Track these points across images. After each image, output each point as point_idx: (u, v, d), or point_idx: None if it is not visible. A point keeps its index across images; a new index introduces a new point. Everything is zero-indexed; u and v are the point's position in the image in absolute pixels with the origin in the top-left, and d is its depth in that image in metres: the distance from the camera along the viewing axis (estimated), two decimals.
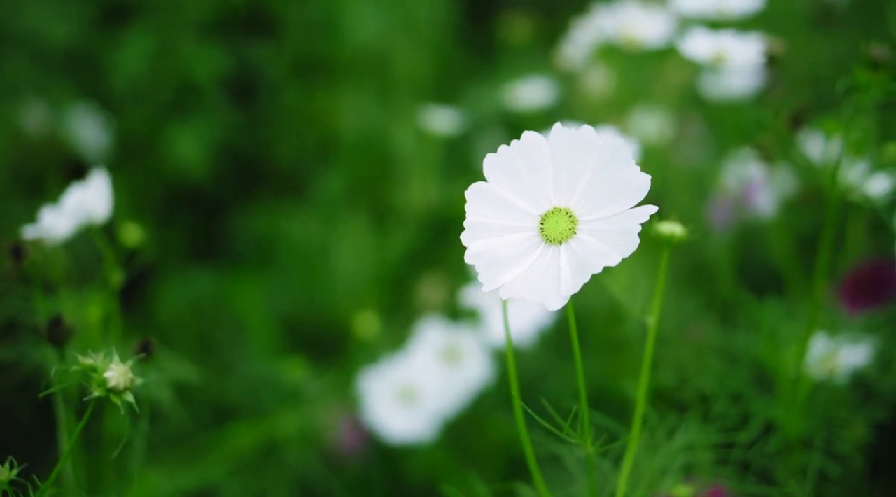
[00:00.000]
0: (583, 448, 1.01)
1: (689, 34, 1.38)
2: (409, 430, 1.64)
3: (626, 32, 1.62)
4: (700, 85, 1.83)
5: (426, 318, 1.70)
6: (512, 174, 0.91)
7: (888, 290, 1.68)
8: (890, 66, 1.16)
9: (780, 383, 1.31)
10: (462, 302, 1.51)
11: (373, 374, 1.66)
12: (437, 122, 1.98)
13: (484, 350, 1.65)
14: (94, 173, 1.24)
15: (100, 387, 0.96)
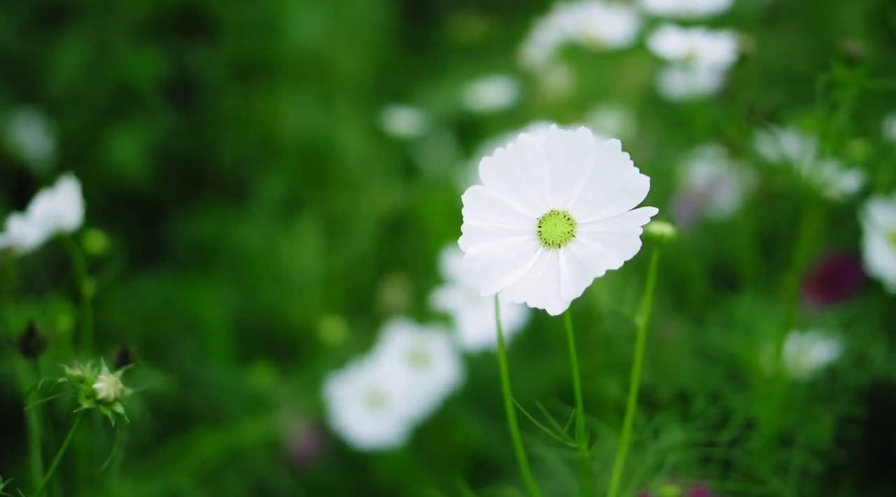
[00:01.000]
0: (578, 451, 1.00)
1: (660, 32, 1.38)
2: (377, 435, 1.63)
3: (589, 31, 1.61)
4: (659, 84, 1.84)
5: (392, 322, 1.68)
6: (507, 177, 0.90)
7: (850, 284, 1.69)
8: (866, 63, 1.17)
9: (758, 380, 1.32)
10: (432, 305, 1.50)
11: (340, 378, 1.65)
12: (396, 124, 1.96)
13: (451, 352, 1.64)
14: (63, 181, 1.22)
15: (89, 398, 0.94)
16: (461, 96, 2.05)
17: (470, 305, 1.49)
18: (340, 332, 1.72)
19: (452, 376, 1.64)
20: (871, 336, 1.41)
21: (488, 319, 1.49)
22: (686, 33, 1.38)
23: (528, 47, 1.81)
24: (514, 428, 1.02)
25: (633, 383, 1.05)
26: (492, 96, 1.88)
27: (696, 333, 1.44)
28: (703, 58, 1.35)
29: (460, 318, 1.49)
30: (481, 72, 2.14)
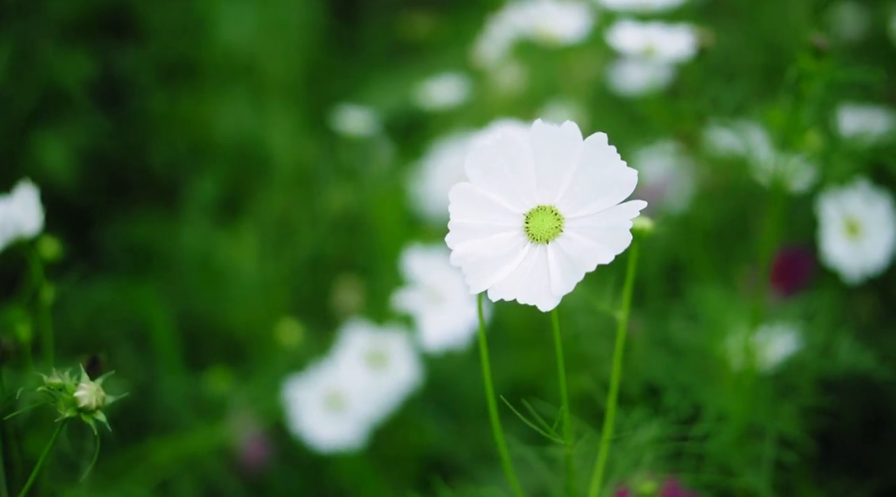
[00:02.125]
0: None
1: (618, 27, 1.38)
2: (337, 438, 1.61)
3: (542, 28, 1.61)
4: (608, 79, 1.84)
5: (349, 323, 1.67)
6: (493, 173, 0.89)
7: (803, 275, 1.70)
8: (833, 55, 1.17)
9: (727, 373, 1.32)
10: (392, 305, 1.49)
11: (298, 381, 1.63)
12: (345, 124, 1.95)
13: (410, 353, 1.63)
14: (20, 187, 1.19)
15: (70, 407, 0.92)
16: (411, 95, 2.04)
17: (431, 306, 1.48)
18: (297, 335, 1.70)
19: (411, 377, 1.63)
20: (833, 327, 1.42)
21: (449, 320, 1.48)
22: (644, 28, 1.38)
23: (482, 44, 1.81)
24: (497, 426, 1.01)
25: (614, 379, 1.05)
26: (443, 94, 1.87)
27: (659, 328, 1.44)
28: (661, 52, 1.35)
29: (421, 318, 1.47)
30: (430, 70, 2.13)
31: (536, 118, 0.89)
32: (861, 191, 1.53)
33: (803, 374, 1.32)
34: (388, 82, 2.40)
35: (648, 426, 1.15)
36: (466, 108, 1.91)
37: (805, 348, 1.35)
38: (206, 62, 2.50)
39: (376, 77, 2.53)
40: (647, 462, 1.12)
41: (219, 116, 2.42)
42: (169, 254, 2.28)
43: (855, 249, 1.50)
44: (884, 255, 1.51)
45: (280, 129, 2.33)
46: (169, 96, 2.45)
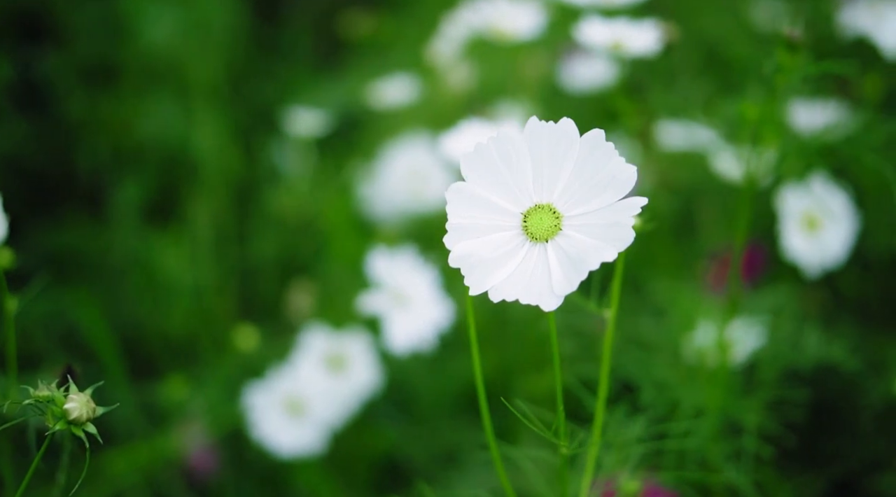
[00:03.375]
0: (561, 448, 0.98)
1: (585, 22, 1.37)
2: (298, 443, 1.59)
3: (497, 26, 1.60)
4: (558, 76, 1.84)
5: (308, 326, 1.64)
6: (489, 172, 0.88)
7: (758, 269, 1.71)
8: (807, 48, 1.17)
9: (700, 368, 1.32)
10: (356, 308, 1.47)
11: (257, 387, 1.60)
12: (296, 125, 1.92)
13: (371, 355, 1.61)
14: None
15: (60, 419, 0.89)
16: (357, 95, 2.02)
17: (396, 308, 1.46)
18: (253, 340, 1.67)
19: (372, 379, 1.61)
20: (800, 320, 1.43)
21: (415, 321, 1.46)
22: (610, 23, 1.38)
23: (437, 42, 1.79)
24: (489, 427, 1.00)
25: (602, 378, 1.04)
26: (393, 94, 1.85)
27: (626, 324, 1.43)
28: (628, 47, 1.35)
29: (387, 321, 1.46)
30: (377, 70, 2.11)
31: (489, 116, 0.88)
32: (819, 185, 1.54)
33: (773, 368, 1.33)
34: (329, 83, 2.38)
35: (632, 424, 1.14)
36: (416, 108, 1.89)
37: (774, 342, 1.35)
38: (129, 64, 2.46)
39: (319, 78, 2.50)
40: (634, 460, 1.11)
41: (143, 119, 2.38)
42: (98, 261, 2.24)
43: (814, 243, 1.51)
44: (842, 248, 1.52)
45: (206, 133, 2.29)
46: (91, 99, 2.40)
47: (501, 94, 1.88)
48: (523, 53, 1.78)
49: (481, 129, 1.33)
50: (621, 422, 1.15)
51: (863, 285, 1.82)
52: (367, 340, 1.62)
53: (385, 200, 1.88)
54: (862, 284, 1.81)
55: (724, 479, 1.22)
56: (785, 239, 1.50)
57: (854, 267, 1.68)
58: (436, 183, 1.80)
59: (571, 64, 1.83)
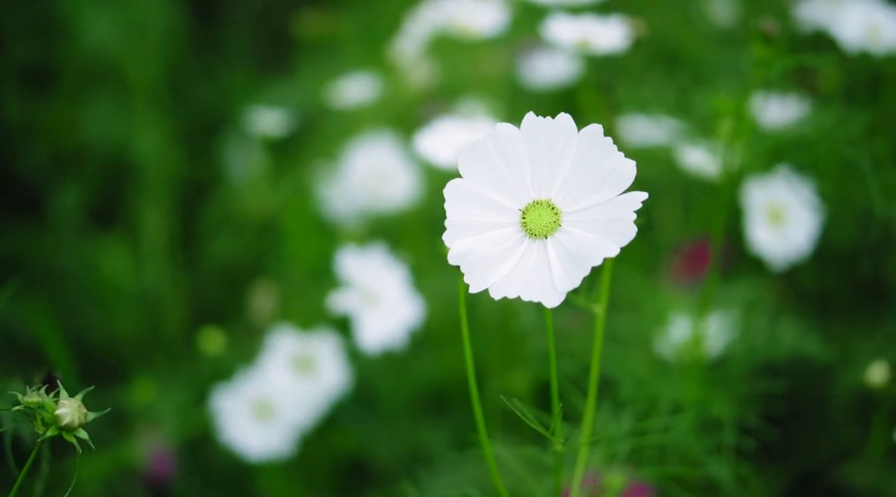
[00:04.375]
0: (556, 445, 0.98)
1: (552, 20, 1.37)
2: (267, 447, 1.57)
3: (459, 23, 1.59)
4: (518, 73, 1.84)
5: (275, 328, 1.63)
6: (487, 168, 0.87)
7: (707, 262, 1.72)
8: (783, 41, 1.18)
9: (677, 362, 1.32)
10: (329, 308, 1.45)
11: (225, 391, 1.58)
12: (258, 125, 1.90)
13: (339, 356, 1.60)
14: None
15: (51, 426, 0.87)
16: (314, 95, 2.01)
17: (367, 307, 1.45)
18: (219, 343, 1.65)
19: (341, 380, 1.60)
20: (773, 313, 1.43)
21: (386, 320, 1.45)
22: (578, 20, 1.37)
23: (398, 40, 1.78)
24: (482, 424, 0.99)
25: (593, 377, 1.04)
26: (353, 93, 1.84)
27: None
28: (596, 44, 1.34)
29: (358, 320, 1.44)
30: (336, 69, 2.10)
31: (452, 112, 0.88)
32: (783, 178, 1.54)
33: (749, 361, 1.33)
34: (281, 84, 2.36)
35: (617, 420, 1.14)
36: (376, 107, 1.88)
37: (748, 335, 1.36)
38: (67, 66, 2.43)
39: (267, 79, 2.48)
40: (621, 456, 1.11)
41: (83, 122, 2.35)
42: (40, 266, 2.20)
43: (779, 236, 1.52)
44: (807, 241, 1.54)
45: (148, 135, 2.27)
46: (29, 102, 2.37)
47: (462, 91, 1.87)
48: (484, 50, 1.78)
49: (456, 128, 1.32)
50: (608, 418, 1.15)
51: (820, 277, 1.83)
52: (334, 341, 1.60)
53: (346, 200, 1.86)
54: (819, 276, 1.83)
55: (705, 474, 1.22)
56: (751, 232, 1.51)
57: (812, 259, 1.69)
58: (397, 182, 1.79)
59: (532, 60, 1.83)
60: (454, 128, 1.32)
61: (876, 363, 1.33)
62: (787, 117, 1.57)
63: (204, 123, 2.63)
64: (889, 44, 1.52)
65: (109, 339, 2.07)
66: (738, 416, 1.27)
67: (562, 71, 1.80)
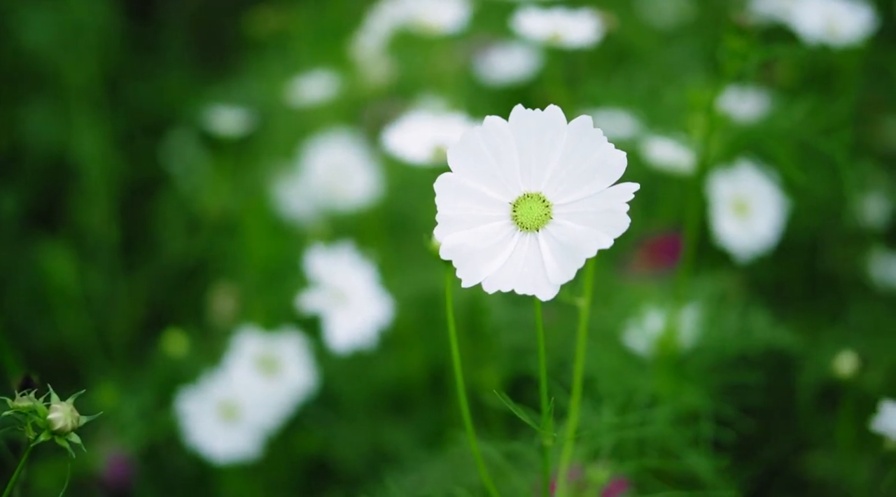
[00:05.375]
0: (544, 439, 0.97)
1: (523, 14, 1.36)
2: (233, 449, 1.55)
3: (421, 19, 1.58)
4: (476, 68, 1.83)
5: (240, 330, 1.61)
6: (477, 162, 0.87)
7: (676, 254, 1.73)
8: (756, 33, 1.18)
9: (653, 356, 1.32)
10: (299, 308, 1.44)
11: (189, 393, 1.56)
12: (219, 124, 1.87)
13: (304, 357, 1.59)
14: None
15: (43, 430, 0.86)
16: (267, 93, 1.99)
17: (337, 306, 1.43)
18: (182, 345, 1.62)
19: (306, 381, 1.58)
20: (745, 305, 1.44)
21: (356, 319, 1.44)
22: (549, 14, 1.37)
23: (362, 36, 1.77)
24: (468, 420, 0.98)
25: (577, 372, 1.03)
26: (310, 90, 1.82)
27: (570, 314, 1.43)
28: (567, 37, 1.34)
29: (327, 319, 1.43)
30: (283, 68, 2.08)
31: (411, 108, 0.87)
32: (747, 170, 1.55)
33: (722, 353, 1.33)
34: (230, 83, 2.34)
35: (599, 415, 1.14)
36: (334, 104, 1.87)
37: (720, 327, 1.36)
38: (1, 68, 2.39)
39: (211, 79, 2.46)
40: (606, 451, 1.10)
41: (21, 124, 2.32)
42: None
43: (744, 228, 1.53)
44: (771, 232, 1.54)
45: (87, 137, 2.24)
46: None
47: (420, 88, 1.86)
48: (441, 47, 1.77)
49: (425, 124, 1.31)
50: (589, 412, 1.14)
51: (778, 269, 1.84)
52: (299, 341, 1.59)
53: (304, 199, 1.85)
54: (777, 268, 1.84)
55: (684, 466, 1.22)
56: (716, 224, 1.51)
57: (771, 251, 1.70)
58: (357, 179, 1.77)
59: (489, 56, 1.82)
60: (423, 124, 1.31)
61: (843, 354, 1.33)
62: (747, 110, 1.58)
63: (144, 124, 2.60)
64: (848, 36, 1.53)
65: (56, 345, 2.04)
66: (715, 408, 1.27)
67: (518, 66, 1.79)
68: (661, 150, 1.50)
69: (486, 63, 1.82)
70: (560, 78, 1.41)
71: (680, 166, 1.53)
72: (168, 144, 2.34)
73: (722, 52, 1.16)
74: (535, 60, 1.79)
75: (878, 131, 1.91)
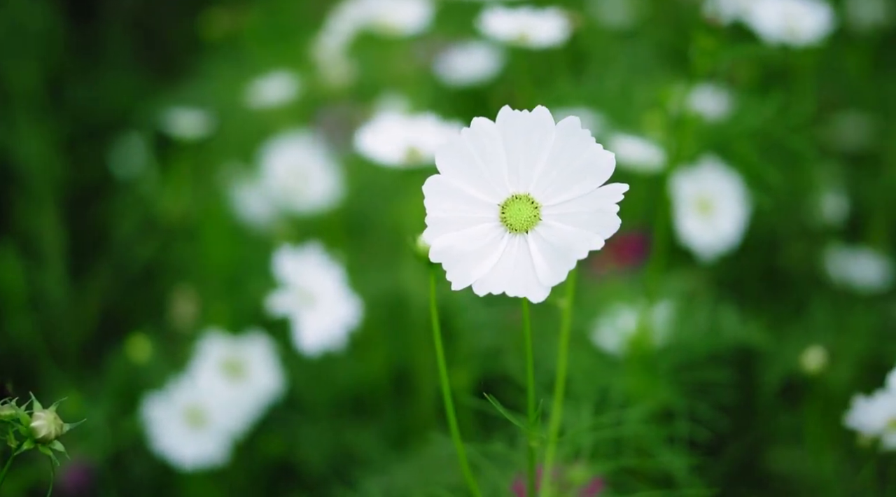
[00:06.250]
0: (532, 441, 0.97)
1: (490, 14, 1.36)
2: (200, 454, 1.53)
3: (382, 19, 1.58)
4: (435, 70, 1.83)
5: (204, 334, 1.59)
6: (465, 164, 0.86)
7: (642, 253, 1.74)
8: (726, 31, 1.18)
9: (627, 355, 1.32)
10: (267, 309, 1.43)
11: (155, 399, 1.54)
12: (178, 127, 1.85)
13: (271, 360, 1.57)
14: None
15: (26, 439, 0.84)
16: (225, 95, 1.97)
17: (305, 307, 1.42)
18: (145, 350, 1.60)
19: (273, 384, 1.57)
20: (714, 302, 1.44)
21: (325, 320, 1.43)
22: (515, 13, 1.37)
23: (322, 37, 1.76)
24: (454, 423, 0.98)
25: (560, 371, 1.03)
26: (272, 92, 1.81)
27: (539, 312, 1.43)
28: (534, 37, 1.34)
29: (297, 321, 1.42)
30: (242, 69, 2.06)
31: (372, 109, 0.87)
32: (710, 169, 1.56)
33: (694, 351, 1.34)
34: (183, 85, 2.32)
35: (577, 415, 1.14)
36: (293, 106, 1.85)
37: (691, 325, 1.37)
38: None
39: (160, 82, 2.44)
40: (586, 451, 1.10)
41: None
42: None
43: (707, 226, 1.54)
44: (734, 230, 1.55)
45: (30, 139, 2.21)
46: None
47: (381, 89, 1.86)
48: (400, 47, 1.76)
49: (396, 124, 1.31)
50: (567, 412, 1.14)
51: (738, 266, 1.86)
52: (265, 345, 1.58)
53: (263, 201, 1.84)
54: (737, 266, 1.85)
55: (659, 465, 1.22)
56: (680, 223, 1.52)
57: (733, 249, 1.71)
58: (317, 181, 1.77)
59: (449, 57, 1.82)
60: (395, 125, 1.30)
61: (811, 349, 1.34)
62: (711, 108, 1.58)
63: (89, 127, 2.57)
64: (807, 35, 1.54)
65: (5, 351, 2.01)
66: (689, 406, 1.28)
67: (479, 67, 1.79)
68: (627, 148, 1.51)
69: (446, 64, 1.81)
70: (527, 77, 1.41)
71: (647, 165, 1.53)
72: (116, 148, 2.31)
73: (693, 51, 1.16)
74: (496, 61, 1.79)
75: (831, 129, 1.93)
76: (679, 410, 1.26)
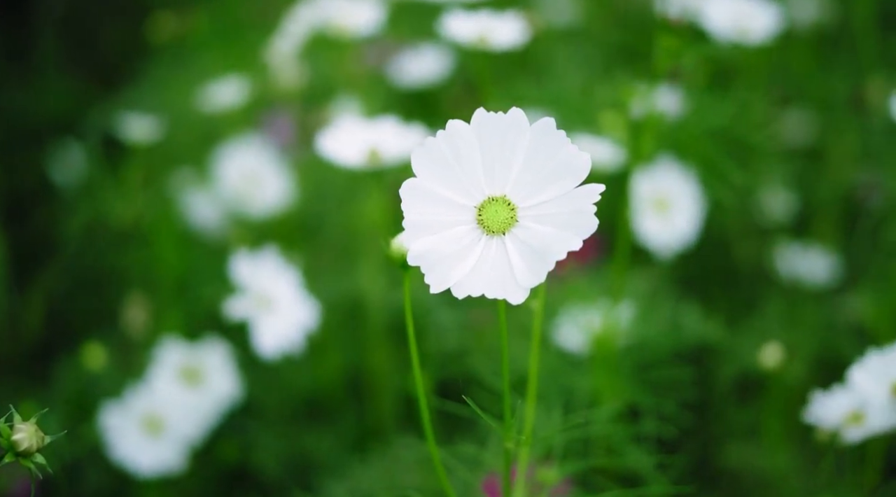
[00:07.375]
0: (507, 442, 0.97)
1: (450, 17, 1.36)
2: (158, 462, 1.52)
3: (336, 22, 1.57)
4: (387, 72, 1.82)
5: (163, 341, 1.57)
6: (440, 167, 0.86)
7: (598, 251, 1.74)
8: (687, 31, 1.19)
9: (591, 355, 1.32)
10: (225, 314, 1.41)
11: (112, 407, 1.52)
12: (130, 131, 1.83)
13: (229, 366, 1.56)
14: None
15: (8, 452, 0.83)
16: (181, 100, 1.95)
17: (262, 312, 1.41)
18: (100, 358, 1.58)
19: (231, 390, 1.56)
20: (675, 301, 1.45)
21: (282, 324, 1.42)
22: (475, 16, 1.37)
23: (274, 40, 1.74)
24: (429, 428, 0.97)
25: (532, 373, 1.03)
26: (223, 96, 1.80)
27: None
28: (494, 40, 1.34)
29: (255, 325, 1.41)
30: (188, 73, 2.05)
31: (327, 111, 0.87)
32: (666, 168, 1.57)
33: (658, 349, 1.34)
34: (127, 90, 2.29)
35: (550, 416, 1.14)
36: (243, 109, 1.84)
37: (652, 323, 1.37)
38: None
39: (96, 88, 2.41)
40: (558, 451, 1.10)
41: None
42: None
43: (664, 225, 1.55)
44: (691, 228, 1.56)
45: None
46: None
47: (332, 91, 1.85)
48: (351, 50, 1.75)
49: (357, 127, 1.30)
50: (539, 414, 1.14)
51: (689, 264, 1.87)
52: (223, 351, 1.56)
53: (214, 206, 1.82)
54: (688, 263, 1.86)
55: (624, 463, 1.23)
56: (638, 221, 1.53)
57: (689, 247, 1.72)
58: (270, 186, 1.76)
59: (401, 59, 1.81)
60: (355, 127, 1.30)
61: (768, 345, 1.35)
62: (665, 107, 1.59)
63: (24, 133, 2.54)
64: (757, 34, 1.55)
65: None
66: (653, 404, 1.28)
67: (430, 69, 1.79)
68: (586, 148, 1.51)
69: (397, 66, 1.81)
70: (487, 79, 1.40)
71: (605, 164, 1.54)
72: (54, 154, 2.28)
73: (655, 51, 1.17)
74: (447, 63, 1.79)
75: (779, 127, 1.94)
76: (645, 409, 1.26)
